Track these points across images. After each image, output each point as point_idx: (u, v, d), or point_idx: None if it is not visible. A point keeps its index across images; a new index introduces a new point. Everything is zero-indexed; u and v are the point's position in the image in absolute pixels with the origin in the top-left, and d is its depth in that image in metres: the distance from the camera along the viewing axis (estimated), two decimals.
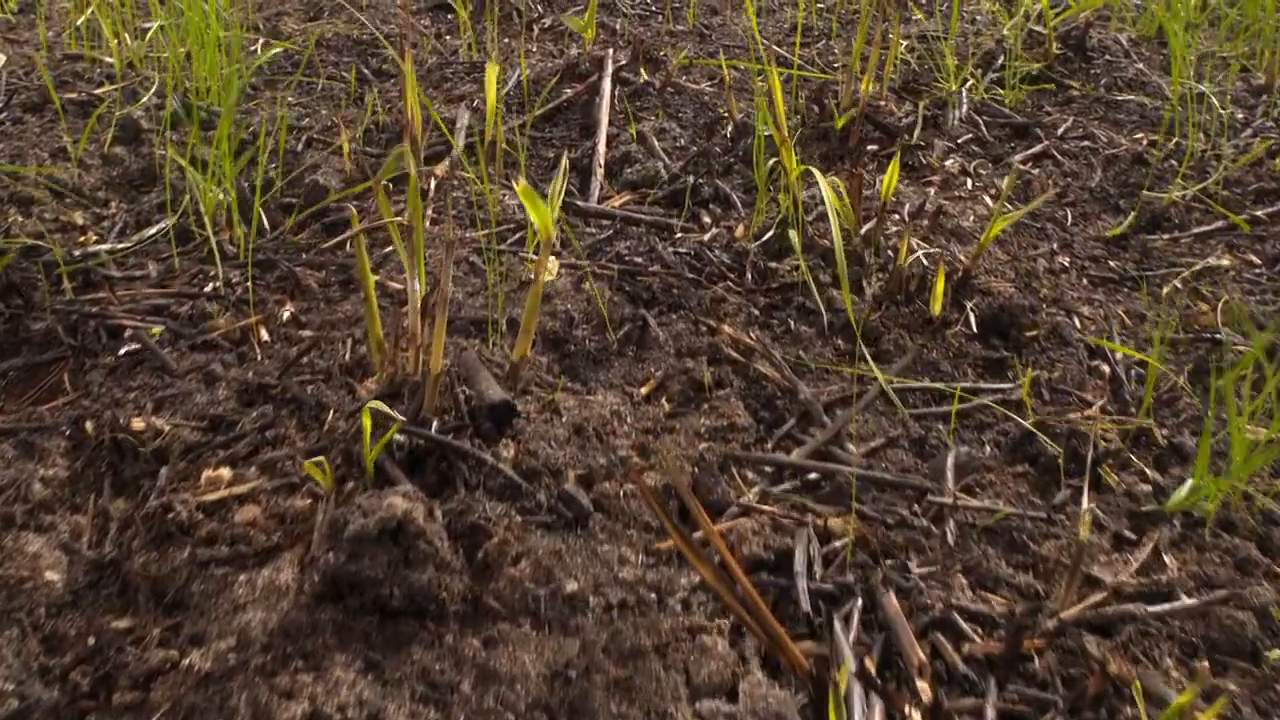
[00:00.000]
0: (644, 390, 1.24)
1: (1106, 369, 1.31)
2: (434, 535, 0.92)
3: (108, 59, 2.11)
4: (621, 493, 1.05)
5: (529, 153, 1.83)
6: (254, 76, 2.05)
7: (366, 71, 2.14)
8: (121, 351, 1.28)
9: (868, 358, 1.29)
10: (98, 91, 1.98)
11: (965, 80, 2.08)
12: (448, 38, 2.35)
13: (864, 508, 1.06)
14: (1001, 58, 2.17)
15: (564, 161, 1.23)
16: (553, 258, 1.44)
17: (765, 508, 1.05)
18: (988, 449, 1.18)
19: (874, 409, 1.23)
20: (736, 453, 1.13)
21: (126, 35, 2.20)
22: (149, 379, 1.24)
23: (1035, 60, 2.18)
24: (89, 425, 1.16)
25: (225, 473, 1.08)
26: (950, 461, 1.12)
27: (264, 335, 1.31)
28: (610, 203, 1.67)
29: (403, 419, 1.04)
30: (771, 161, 1.55)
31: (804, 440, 1.18)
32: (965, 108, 1.98)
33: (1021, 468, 1.15)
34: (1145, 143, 1.90)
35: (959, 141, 1.87)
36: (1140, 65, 2.23)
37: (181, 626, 0.94)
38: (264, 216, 1.58)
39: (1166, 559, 1.02)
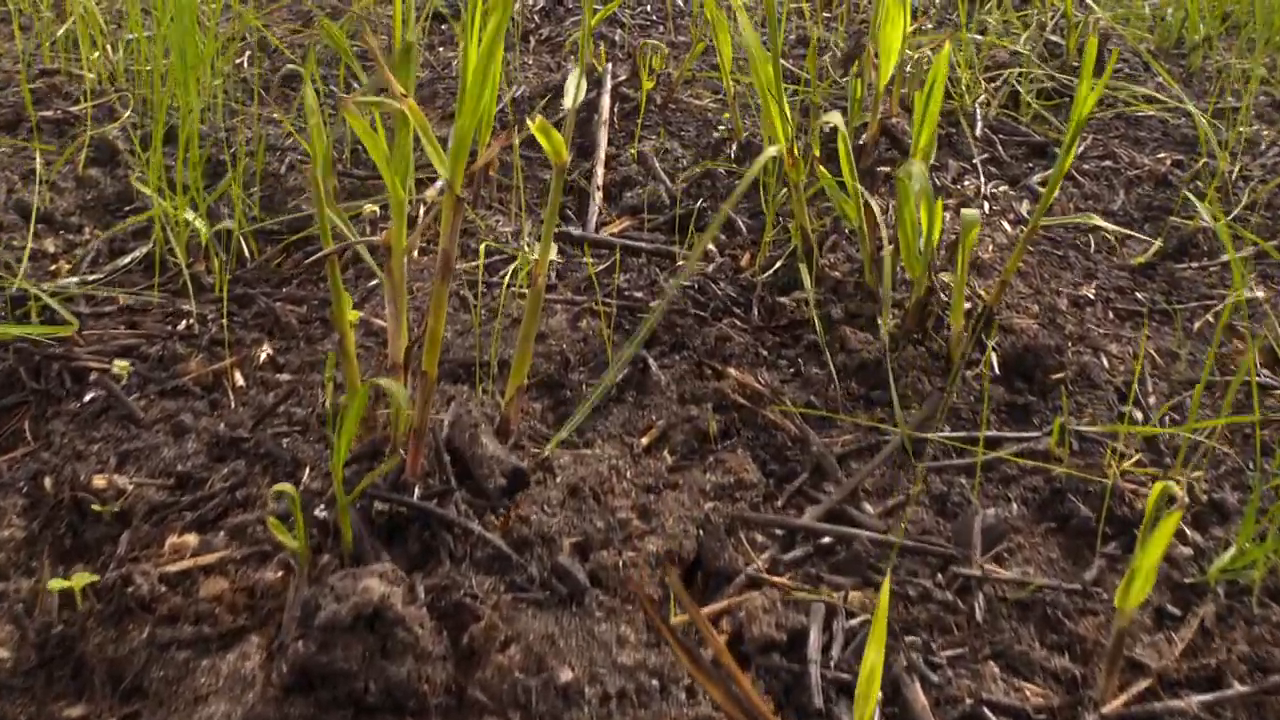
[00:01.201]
0: (644, 441, 1.16)
1: (1139, 414, 1.23)
2: (414, 622, 0.83)
3: (89, 74, 2.03)
4: (620, 562, 0.97)
5: (524, 173, 1.74)
6: (239, 91, 1.97)
7: (358, 86, 2.06)
8: (86, 398, 1.20)
9: (894, 401, 1.21)
10: (74, 109, 1.90)
11: (978, 95, 2.00)
12: (441, 49, 2.26)
13: (879, 577, 0.98)
14: (1016, 70, 2.09)
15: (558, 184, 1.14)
16: (551, 268, 1.36)
17: (776, 579, 0.97)
18: (1014, 506, 1.09)
19: (891, 460, 1.14)
20: (744, 513, 1.05)
21: (108, 47, 2.12)
22: (114, 429, 1.15)
23: (1053, 72, 2.10)
24: (48, 482, 1.07)
25: (191, 539, 0.99)
26: (977, 525, 1.03)
27: (238, 379, 1.23)
28: (609, 229, 1.59)
29: (380, 479, 0.96)
30: (782, 191, 1.47)
31: (817, 497, 1.10)
32: (980, 125, 1.89)
33: (1052, 527, 1.07)
34: (1169, 163, 1.82)
35: (974, 161, 1.79)
36: (1160, 79, 2.14)
37: (139, 717, 0.86)
38: (244, 244, 1.50)
39: (1213, 636, 0.94)
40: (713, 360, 1.27)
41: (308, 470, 1.07)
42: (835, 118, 1.31)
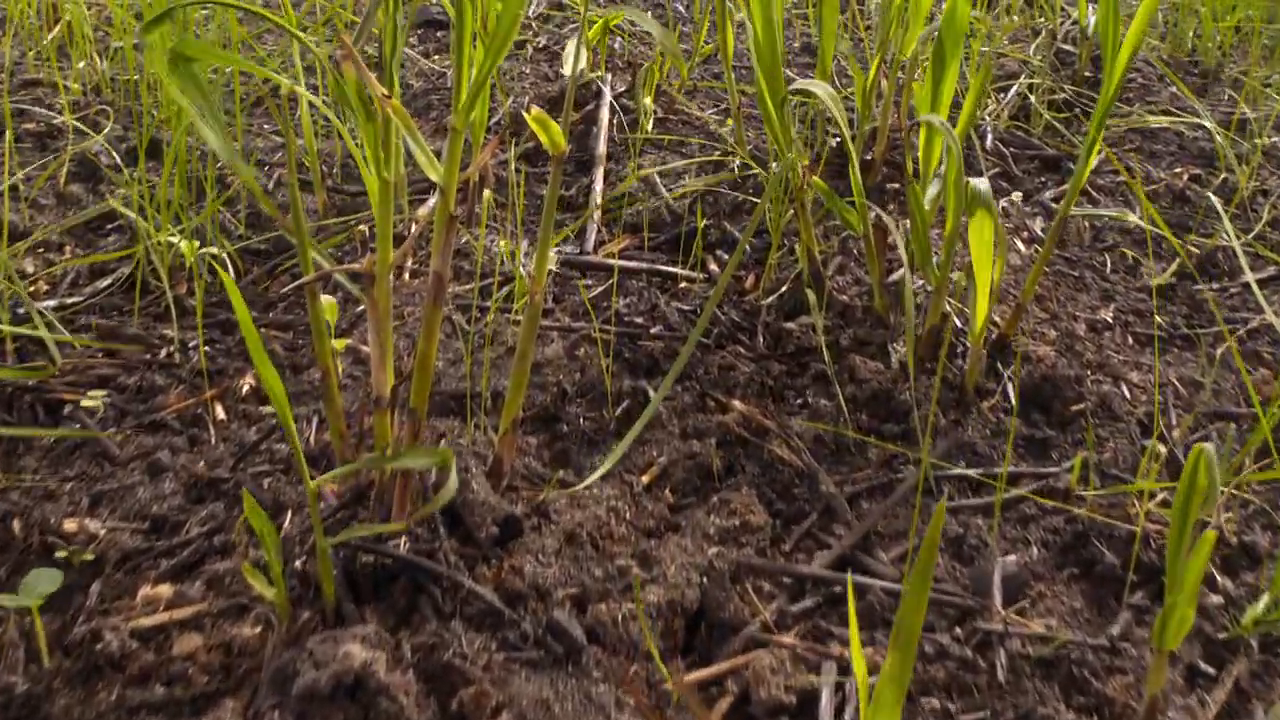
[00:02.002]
0: (645, 479, 1.10)
1: (1163, 449, 1.17)
2: (398, 690, 0.78)
3: (75, 84, 1.97)
4: (620, 616, 0.91)
5: (521, 188, 1.69)
6: (228, 102, 1.91)
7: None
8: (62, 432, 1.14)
9: (920, 439, 1.15)
10: (58, 120, 1.84)
11: (987, 106, 1.94)
12: (436, 58, 2.21)
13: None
14: (1026, 80, 2.03)
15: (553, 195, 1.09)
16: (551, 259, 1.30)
17: (785, 640, 0.91)
18: (1035, 550, 1.04)
19: (905, 500, 1.09)
20: (750, 560, 0.99)
21: (96, 55, 2.06)
22: (88, 467, 1.10)
23: (1064, 82, 2.04)
24: (16, 525, 1.02)
25: (165, 590, 0.94)
26: (996, 574, 0.98)
27: (219, 413, 1.18)
28: (608, 248, 1.53)
29: (367, 530, 0.90)
30: (789, 215, 1.41)
31: (827, 541, 1.04)
32: (990, 138, 1.83)
33: (1074, 573, 1.01)
34: (1186, 177, 1.76)
35: (986, 176, 1.73)
36: (1174, 89, 2.09)
37: None
38: (230, 265, 1.44)
39: (1249, 697, 0.89)
40: (716, 391, 1.21)
41: (290, 514, 1.01)
42: (841, 123, 1.25)
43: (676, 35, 2.20)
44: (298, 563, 0.93)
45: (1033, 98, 1.95)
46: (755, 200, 1.60)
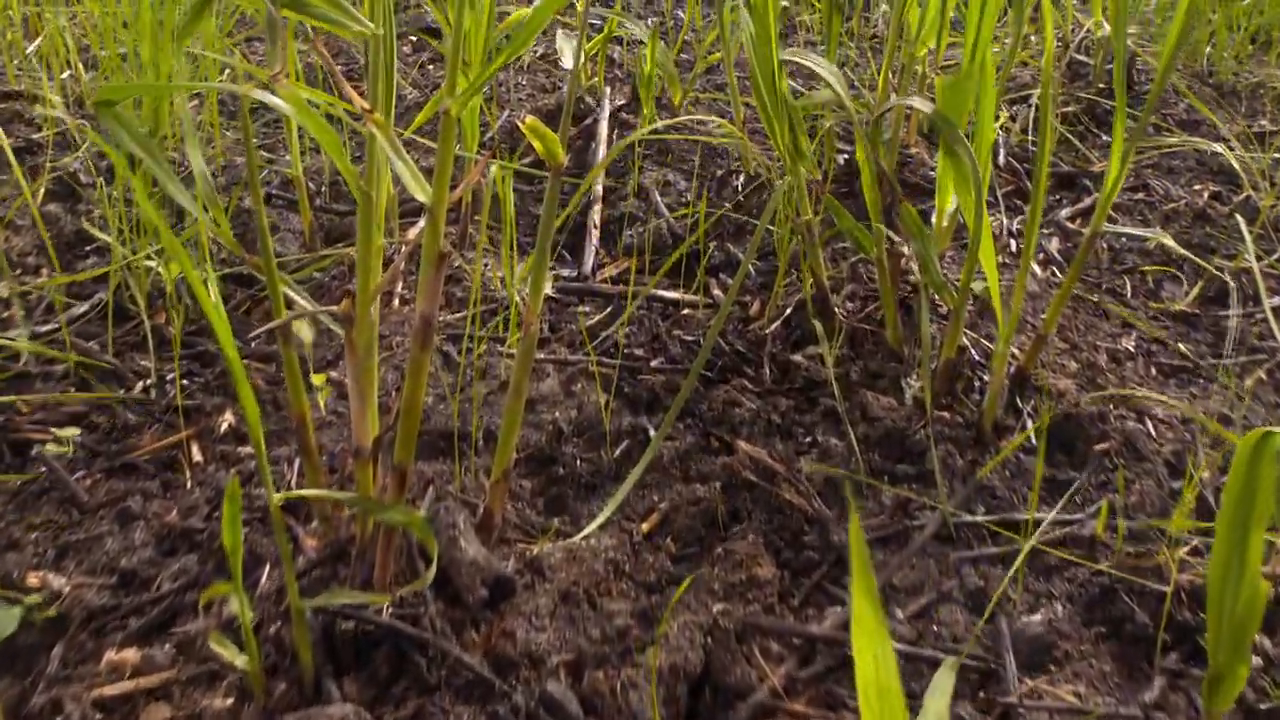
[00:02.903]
0: (645, 526, 1.04)
1: (1193, 492, 1.11)
2: None
3: (56, 97, 1.91)
4: (619, 685, 0.85)
5: (516, 208, 1.63)
6: (219, 116, 1.85)
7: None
8: (27, 476, 1.08)
9: (935, 474, 1.09)
10: (38, 136, 1.78)
11: (999, 119, 1.88)
12: (430, 68, 2.14)
13: (915, 702, 0.86)
14: (1038, 91, 1.97)
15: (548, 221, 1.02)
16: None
17: (796, 707, 0.85)
18: (1059, 606, 0.97)
19: (922, 550, 1.02)
20: (758, 619, 0.93)
21: (79, 66, 2.00)
22: (55, 514, 1.04)
23: (1078, 93, 1.98)
24: None
25: (132, 655, 0.88)
26: (1019, 634, 0.92)
27: (196, 454, 1.11)
28: (606, 271, 1.47)
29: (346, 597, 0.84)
30: (795, 239, 1.35)
31: (839, 596, 0.98)
32: (1003, 153, 1.77)
33: (1102, 632, 0.95)
34: (1206, 195, 1.70)
35: (999, 194, 1.67)
36: (1190, 100, 2.02)
37: None
38: (209, 291, 1.38)
39: None
40: (720, 430, 1.15)
41: (267, 568, 0.95)
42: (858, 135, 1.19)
43: (679, 45, 2.14)
44: (273, 627, 0.87)
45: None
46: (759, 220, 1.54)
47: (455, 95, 0.78)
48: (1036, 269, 1.49)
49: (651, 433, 1.13)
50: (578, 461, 1.10)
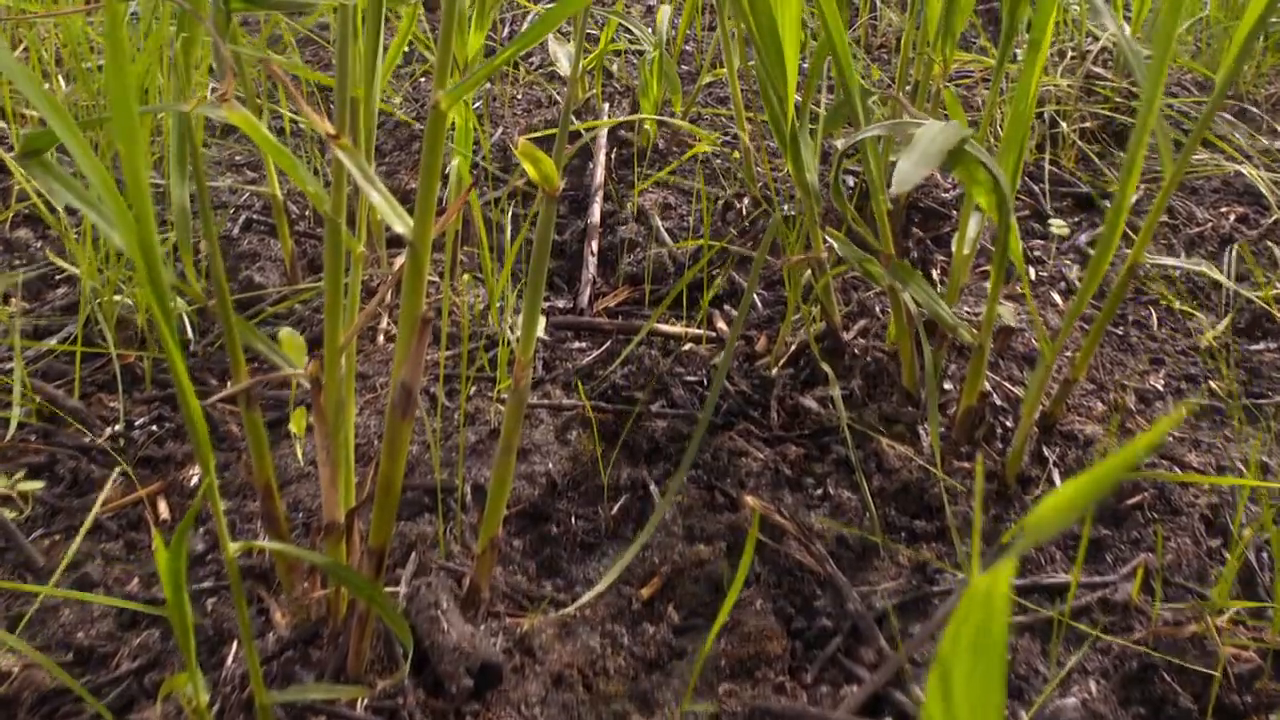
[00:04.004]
0: (645, 592, 0.96)
1: (1237, 558, 1.04)
2: None
3: (33, 113, 1.83)
4: None
5: (509, 232, 1.55)
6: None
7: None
8: None
9: (954, 530, 1.02)
10: (10, 156, 1.70)
11: None
12: (423, 79, 2.07)
13: None
14: (1055, 106, 1.89)
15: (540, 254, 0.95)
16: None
17: None
18: (1093, 684, 0.90)
19: (945, 622, 0.95)
20: (769, 703, 0.85)
21: (60, 79, 1.92)
22: (8, 576, 0.96)
23: (1096, 108, 1.90)
24: None
25: None
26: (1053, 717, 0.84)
27: (163, 511, 1.04)
28: (604, 303, 1.39)
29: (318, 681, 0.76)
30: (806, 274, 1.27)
31: (854, 670, 0.90)
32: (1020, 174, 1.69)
33: (1141, 714, 0.88)
34: (1232, 218, 1.62)
35: (1015, 217, 1.59)
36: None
37: None
38: (187, 324, 1.30)
39: None
40: (725, 482, 1.08)
41: (235, 645, 0.88)
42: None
43: (678, 53, 2.07)
44: (240, 713, 0.79)
45: (1064, 125, 1.81)
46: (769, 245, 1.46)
47: (446, 87, 0.69)
48: (1057, 298, 1.42)
49: (652, 487, 1.05)
50: (572, 519, 1.03)
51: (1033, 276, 1.47)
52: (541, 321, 1.03)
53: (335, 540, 0.79)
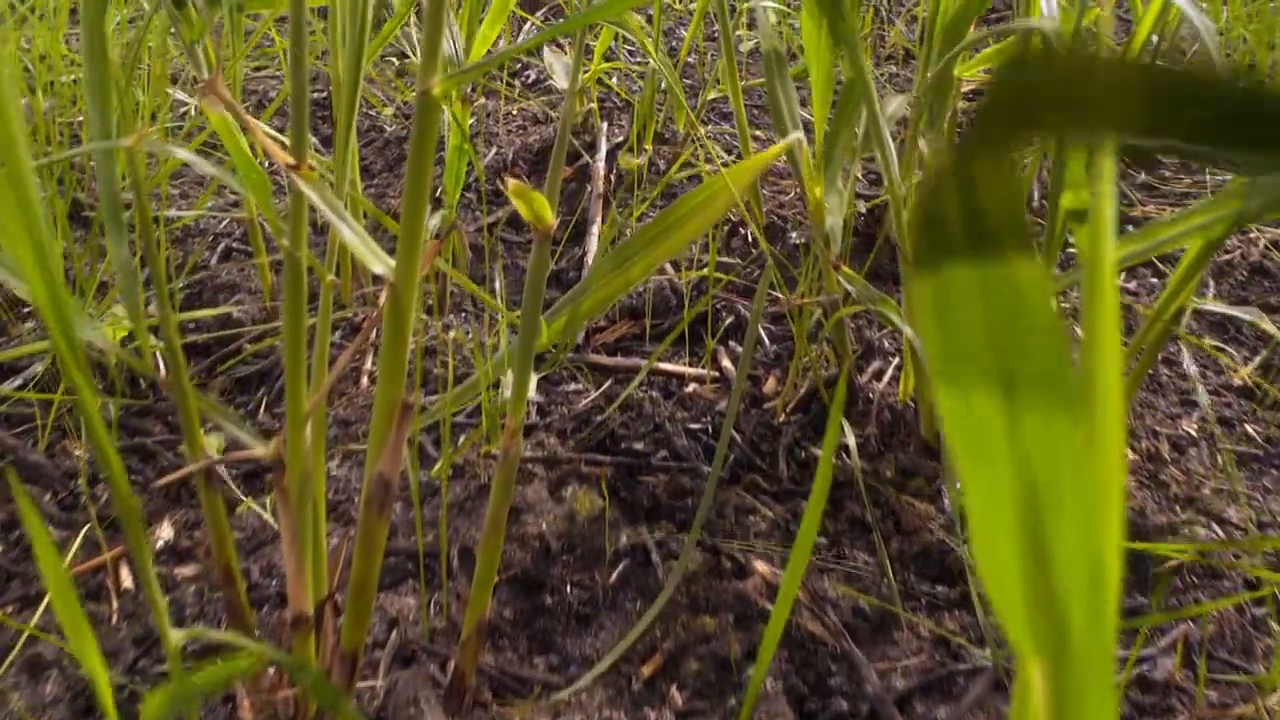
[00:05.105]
0: (646, 670, 0.89)
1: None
2: None
3: None
4: None
5: (503, 260, 1.48)
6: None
7: (315, 141, 1.78)
8: None
9: (978, 600, 0.94)
10: None
11: (1025, 155, 1.73)
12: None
13: None
14: None
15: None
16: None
17: None
18: None
19: (975, 706, 0.87)
20: None
21: (39, 94, 1.84)
22: None
23: None
24: None
25: None
26: None
27: (126, 580, 0.96)
28: (602, 338, 1.32)
29: None
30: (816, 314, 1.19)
31: None
32: (1037, 196, 1.62)
33: None
34: (1262, 244, 1.55)
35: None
36: None
37: None
38: (159, 361, 1.23)
39: None
40: (732, 544, 1.00)
41: None
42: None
43: (680, 66, 1.99)
44: None
45: None
46: (779, 276, 1.39)
47: (439, 72, 0.60)
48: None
49: (654, 553, 0.98)
50: (568, 586, 0.95)
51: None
52: (533, 381, 0.96)
53: (304, 635, 0.71)
